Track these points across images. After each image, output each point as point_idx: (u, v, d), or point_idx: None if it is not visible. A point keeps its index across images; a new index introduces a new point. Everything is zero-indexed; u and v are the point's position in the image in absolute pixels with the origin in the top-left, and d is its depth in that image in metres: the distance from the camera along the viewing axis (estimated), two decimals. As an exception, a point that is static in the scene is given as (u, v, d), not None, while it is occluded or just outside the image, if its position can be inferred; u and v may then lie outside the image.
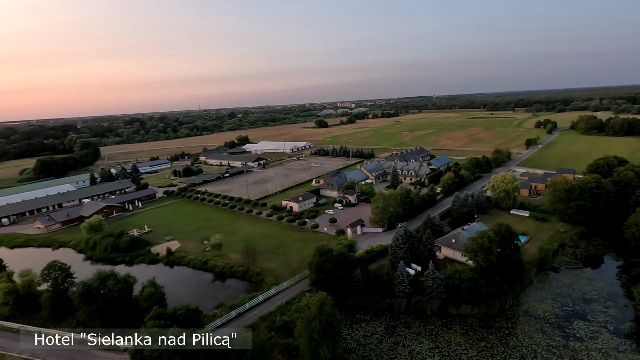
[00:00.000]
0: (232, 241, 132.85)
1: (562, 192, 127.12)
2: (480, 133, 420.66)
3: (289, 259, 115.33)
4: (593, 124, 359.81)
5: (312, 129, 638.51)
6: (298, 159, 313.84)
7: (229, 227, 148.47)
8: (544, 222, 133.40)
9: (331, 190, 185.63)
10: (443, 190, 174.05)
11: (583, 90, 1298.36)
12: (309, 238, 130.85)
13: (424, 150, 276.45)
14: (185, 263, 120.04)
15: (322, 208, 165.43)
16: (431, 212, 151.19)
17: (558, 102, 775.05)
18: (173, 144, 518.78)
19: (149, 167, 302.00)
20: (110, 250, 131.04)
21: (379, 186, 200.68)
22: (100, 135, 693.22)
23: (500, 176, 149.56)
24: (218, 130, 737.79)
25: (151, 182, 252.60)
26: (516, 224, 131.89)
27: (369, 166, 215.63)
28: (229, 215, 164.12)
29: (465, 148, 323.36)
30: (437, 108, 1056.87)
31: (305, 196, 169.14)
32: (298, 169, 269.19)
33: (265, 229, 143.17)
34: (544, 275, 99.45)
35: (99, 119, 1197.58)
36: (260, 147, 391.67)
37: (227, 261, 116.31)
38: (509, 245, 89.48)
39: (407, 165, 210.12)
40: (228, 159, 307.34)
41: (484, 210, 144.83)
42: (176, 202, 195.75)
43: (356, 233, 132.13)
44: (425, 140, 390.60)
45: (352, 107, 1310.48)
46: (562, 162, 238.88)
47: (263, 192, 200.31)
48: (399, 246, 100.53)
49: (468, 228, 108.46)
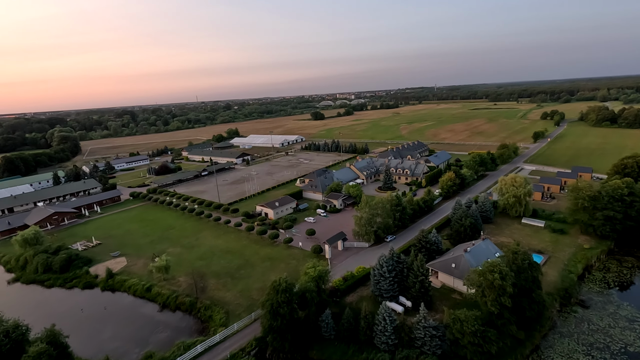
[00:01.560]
0: (188, 259, 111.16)
1: (585, 200, 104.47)
2: (482, 125, 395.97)
3: (250, 285, 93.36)
4: (605, 115, 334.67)
5: (307, 121, 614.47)
6: (287, 154, 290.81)
7: (189, 240, 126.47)
8: (562, 234, 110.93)
9: (315, 192, 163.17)
10: (442, 193, 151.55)
11: (587, 80, 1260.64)
12: (279, 256, 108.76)
13: (422, 145, 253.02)
14: (126, 289, 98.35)
15: (302, 214, 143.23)
16: (427, 220, 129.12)
17: (563, 93, 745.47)
18: (161, 138, 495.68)
19: (126, 163, 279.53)
20: (42, 271, 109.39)
21: (370, 187, 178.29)
22: (89, 128, 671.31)
23: (509, 178, 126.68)
24: (211, 123, 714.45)
25: (123, 182, 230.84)
26: (529, 237, 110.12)
27: (360, 164, 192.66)
28: (193, 224, 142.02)
29: (467, 142, 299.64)
30: (437, 99, 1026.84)
31: (283, 201, 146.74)
32: (284, 166, 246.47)
33: (230, 243, 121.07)
34: (570, 312, 77.31)
35: (96, 111, 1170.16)
36: (249, 141, 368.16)
37: (174, 288, 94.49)
38: (528, 280, 67.14)
39: (402, 163, 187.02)
40: (211, 155, 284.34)
41: (490, 219, 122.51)
42: (142, 205, 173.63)
43: (336, 249, 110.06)
44: (425, 133, 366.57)
45: (352, 98, 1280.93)
46: (574, 158, 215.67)
47: (239, 194, 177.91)
48: (383, 275, 78.37)
49: (472, 249, 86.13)
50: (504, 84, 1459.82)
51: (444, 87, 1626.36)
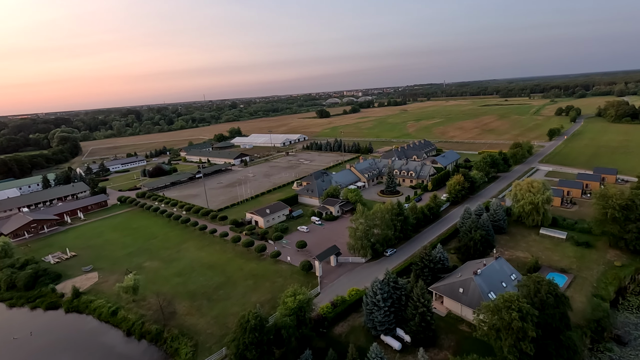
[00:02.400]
0: (165, 275, 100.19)
1: (616, 210, 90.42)
2: (493, 122, 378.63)
3: (227, 309, 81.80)
4: (625, 110, 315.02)
5: (312, 119, 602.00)
6: (287, 154, 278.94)
7: (170, 252, 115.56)
8: (587, 248, 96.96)
9: (311, 197, 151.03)
10: (450, 198, 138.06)
11: (602, 75, 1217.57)
12: (265, 272, 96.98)
13: (429, 144, 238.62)
14: (91, 311, 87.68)
15: (295, 222, 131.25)
16: (433, 230, 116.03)
17: (578, 87, 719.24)
18: (164, 138, 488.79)
19: (121, 165, 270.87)
20: (5, 288, 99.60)
21: (372, 190, 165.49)
22: (94, 128, 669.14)
23: (525, 183, 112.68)
24: (216, 122, 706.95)
25: (115, 184, 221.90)
26: (549, 251, 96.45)
27: (361, 165, 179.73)
28: (178, 233, 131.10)
29: (477, 140, 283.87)
30: (446, 96, 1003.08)
31: (275, 207, 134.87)
32: (283, 167, 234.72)
33: (213, 255, 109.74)
34: (604, 351, 64.00)
35: (105, 111, 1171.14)
36: (251, 140, 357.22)
37: (143, 312, 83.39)
38: (555, 319, 54.11)
39: (406, 165, 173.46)
40: (209, 156, 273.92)
41: (504, 229, 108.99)
42: (128, 211, 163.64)
43: (329, 264, 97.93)
44: (432, 131, 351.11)
45: (359, 95, 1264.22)
46: (594, 157, 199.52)
47: (232, 199, 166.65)
48: (377, 304, 66.01)
49: (483, 271, 73.11)
50: (515, 80, 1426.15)
51: (453, 83, 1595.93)
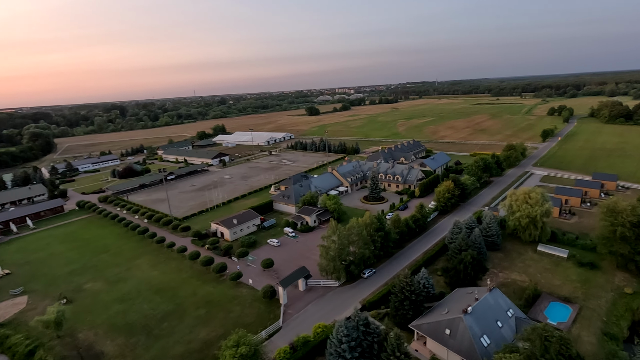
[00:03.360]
0: (105, 301, 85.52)
1: (626, 227, 78.34)
2: (485, 122, 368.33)
3: (167, 350, 67.62)
4: (619, 111, 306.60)
5: (301, 116, 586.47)
6: (270, 154, 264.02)
7: (119, 269, 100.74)
8: (592, 269, 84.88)
9: (287, 204, 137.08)
10: (438, 207, 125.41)
11: (591, 75, 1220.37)
12: (221, 298, 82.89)
13: (419, 145, 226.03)
14: (5, 350, 72.73)
15: (267, 234, 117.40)
16: (418, 245, 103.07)
17: (569, 87, 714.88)
18: (146, 134, 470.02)
19: (91, 164, 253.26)
20: None
21: (355, 196, 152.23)
22: (75, 124, 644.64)
23: (521, 193, 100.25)
24: (202, 119, 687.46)
25: (81, 186, 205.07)
26: (548, 272, 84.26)
27: (344, 168, 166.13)
28: (133, 245, 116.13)
29: (469, 140, 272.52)
30: (438, 94, 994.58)
31: (244, 216, 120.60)
32: (264, 169, 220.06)
33: (166, 275, 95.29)
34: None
35: (91, 106, 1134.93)
36: (234, 138, 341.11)
37: (66, 352, 68.82)
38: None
39: (392, 168, 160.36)
40: (186, 155, 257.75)
41: (497, 245, 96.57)
42: (85, 218, 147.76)
43: (297, 288, 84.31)
44: (423, 130, 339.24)
45: (351, 93, 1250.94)
46: (591, 160, 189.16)
47: (202, 204, 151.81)
48: (342, 355, 52.52)
49: (474, 308, 60.15)
50: (506, 79, 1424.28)
51: (446, 81, 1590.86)
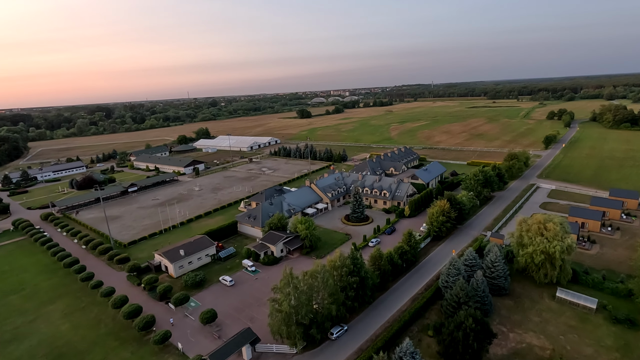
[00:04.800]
0: (-18, 374, 63.53)
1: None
2: (482, 126, 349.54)
3: None
4: (623, 116, 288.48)
5: (292, 119, 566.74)
6: (250, 161, 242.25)
7: (23, 319, 78.68)
8: (632, 328, 64.41)
9: (254, 226, 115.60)
10: (432, 231, 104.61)
11: (586, 78, 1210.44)
12: (135, 374, 61.42)
13: (411, 153, 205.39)
14: None
15: (222, 267, 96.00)
16: (405, 286, 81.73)
17: (566, 90, 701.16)
18: (128, 138, 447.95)
19: (53, 173, 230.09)
20: None
21: (336, 214, 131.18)
22: (57, 126, 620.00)
23: (535, 222, 79.45)
24: (191, 121, 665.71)
25: (33, 199, 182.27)
26: (575, 333, 63.57)
27: (325, 181, 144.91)
28: (55, 283, 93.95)
29: (466, 146, 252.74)
30: (434, 96, 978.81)
31: (195, 245, 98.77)
32: (240, 178, 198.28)
33: (78, 332, 73.38)
34: None
35: (81, 107, 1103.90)
36: (216, 143, 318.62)
37: None
38: None
39: (379, 182, 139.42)
40: (158, 162, 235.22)
41: (504, 289, 75.85)
42: (17, 242, 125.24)
43: (241, 356, 62.88)
44: (417, 135, 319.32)
45: (346, 95, 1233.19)
46: (601, 171, 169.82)
47: (156, 225, 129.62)
48: None
49: None
50: (501, 82, 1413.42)
51: (441, 84, 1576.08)
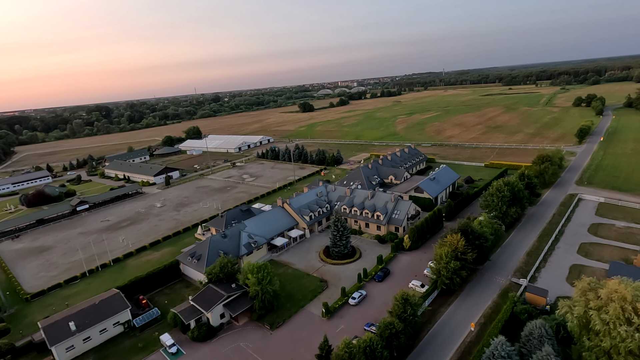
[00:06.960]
0: None
1: None
2: (499, 116, 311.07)
3: None
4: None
5: (294, 113, 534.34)
6: (233, 165, 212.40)
7: None
8: None
9: (197, 269, 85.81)
10: (441, 283, 72.65)
11: (608, 60, 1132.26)
12: None
13: (417, 154, 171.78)
14: None
15: (136, 341, 66.60)
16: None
17: (590, 73, 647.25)
18: (120, 139, 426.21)
19: (12, 185, 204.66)
20: None
21: (314, 243, 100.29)
22: (53, 128, 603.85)
23: (612, 294, 47.02)
24: (190, 118, 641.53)
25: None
26: None
27: (302, 199, 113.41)
28: None
29: (482, 142, 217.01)
30: (445, 84, 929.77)
31: (96, 312, 68.87)
32: (215, 189, 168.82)
33: None
34: None
35: (84, 107, 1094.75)
36: (202, 144, 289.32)
37: None
38: None
39: (371, 199, 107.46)
40: (129, 170, 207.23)
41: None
42: None
43: None
44: (425, 129, 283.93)
45: (353, 86, 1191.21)
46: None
47: (90, 260, 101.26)
48: None
49: None
50: (516, 67, 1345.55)
51: (453, 71, 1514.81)
